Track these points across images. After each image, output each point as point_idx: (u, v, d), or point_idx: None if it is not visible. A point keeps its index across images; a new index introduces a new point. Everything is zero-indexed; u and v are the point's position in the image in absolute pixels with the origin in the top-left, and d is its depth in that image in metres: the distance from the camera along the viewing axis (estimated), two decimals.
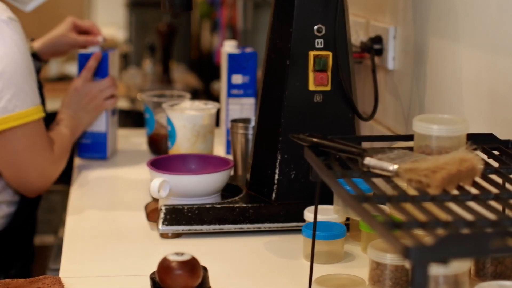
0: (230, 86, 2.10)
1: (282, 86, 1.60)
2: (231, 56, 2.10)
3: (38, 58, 2.11)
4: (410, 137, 1.22)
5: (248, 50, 2.13)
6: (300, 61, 1.59)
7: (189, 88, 3.66)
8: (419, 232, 0.93)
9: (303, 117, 1.61)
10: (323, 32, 1.59)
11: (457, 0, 1.50)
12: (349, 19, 1.64)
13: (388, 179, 1.09)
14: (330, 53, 1.59)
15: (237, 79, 2.10)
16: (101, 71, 2.08)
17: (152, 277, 1.20)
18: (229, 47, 2.15)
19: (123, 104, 3.37)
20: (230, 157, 1.88)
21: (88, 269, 1.45)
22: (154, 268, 1.47)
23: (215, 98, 3.60)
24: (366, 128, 1.97)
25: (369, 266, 1.21)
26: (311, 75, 1.59)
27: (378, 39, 1.85)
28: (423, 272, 0.80)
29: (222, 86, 2.17)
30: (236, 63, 2.10)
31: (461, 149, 1.10)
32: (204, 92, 3.80)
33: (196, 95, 3.75)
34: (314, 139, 1.20)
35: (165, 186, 1.60)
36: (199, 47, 4.34)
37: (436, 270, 1.01)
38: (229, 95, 2.11)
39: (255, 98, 2.12)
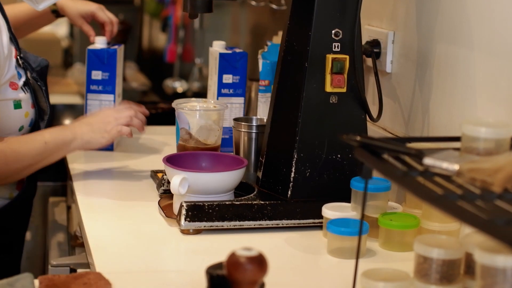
0: (221, 85, 2.14)
1: (299, 87, 1.66)
2: (222, 56, 2.13)
3: (57, 13, 2.28)
4: (455, 139, 1.29)
5: (238, 50, 2.18)
6: (318, 63, 1.65)
7: (144, 86, 3.67)
8: None
9: (319, 117, 1.67)
10: (340, 36, 1.65)
11: (465, 5, 1.58)
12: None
13: (447, 178, 1.15)
14: (347, 57, 1.65)
15: (228, 78, 2.14)
16: (109, 67, 2.12)
17: (209, 272, 1.23)
18: (219, 47, 2.18)
19: (77, 100, 3.35)
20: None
21: (123, 266, 1.47)
22: (190, 263, 1.52)
23: (169, 96, 3.63)
24: None
25: (415, 260, 1.28)
26: (328, 77, 1.65)
27: (376, 43, 1.92)
28: None
29: (211, 85, 2.20)
30: (227, 62, 2.14)
31: None
32: (153, 90, 3.80)
33: (146, 93, 3.76)
34: (366, 140, 1.25)
35: (184, 183, 1.63)
36: (149, 45, 4.34)
37: (504, 262, 1.08)
38: (220, 94, 2.14)
39: (244, 97, 2.17)
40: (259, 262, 1.16)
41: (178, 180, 1.62)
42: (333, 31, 1.65)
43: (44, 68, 1.99)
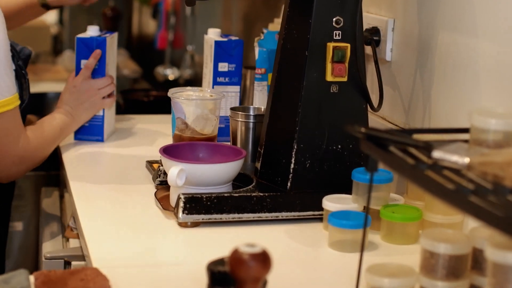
0: (216, 73, 2.10)
1: (299, 76, 1.62)
2: (218, 44, 2.09)
3: (47, 6, 2.22)
4: (463, 130, 1.25)
5: (234, 38, 2.13)
6: (318, 52, 1.61)
7: (135, 74, 3.62)
8: None
9: (319, 107, 1.63)
10: (341, 24, 1.61)
11: None
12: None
13: (457, 172, 1.12)
14: (348, 45, 1.61)
15: (223, 67, 2.10)
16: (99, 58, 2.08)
17: (210, 268, 1.19)
18: (214, 34, 2.14)
19: None
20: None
21: (120, 259, 1.43)
22: (188, 257, 1.48)
23: (160, 83, 3.59)
24: None
25: (421, 255, 1.25)
26: (329, 66, 1.61)
27: (375, 31, 1.88)
28: None
29: (206, 73, 2.16)
30: (223, 50, 2.10)
31: None
32: (144, 77, 3.76)
33: (137, 80, 3.72)
34: (372, 132, 1.22)
35: (181, 175, 1.59)
36: (139, 32, 4.29)
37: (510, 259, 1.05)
38: (215, 83, 2.10)
39: (240, 86, 2.13)
40: (263, 259, 1.13)
41: (175, 171, 1.58)
42: (334, 19, 1.61)
43: (27, 58, 1.96)
